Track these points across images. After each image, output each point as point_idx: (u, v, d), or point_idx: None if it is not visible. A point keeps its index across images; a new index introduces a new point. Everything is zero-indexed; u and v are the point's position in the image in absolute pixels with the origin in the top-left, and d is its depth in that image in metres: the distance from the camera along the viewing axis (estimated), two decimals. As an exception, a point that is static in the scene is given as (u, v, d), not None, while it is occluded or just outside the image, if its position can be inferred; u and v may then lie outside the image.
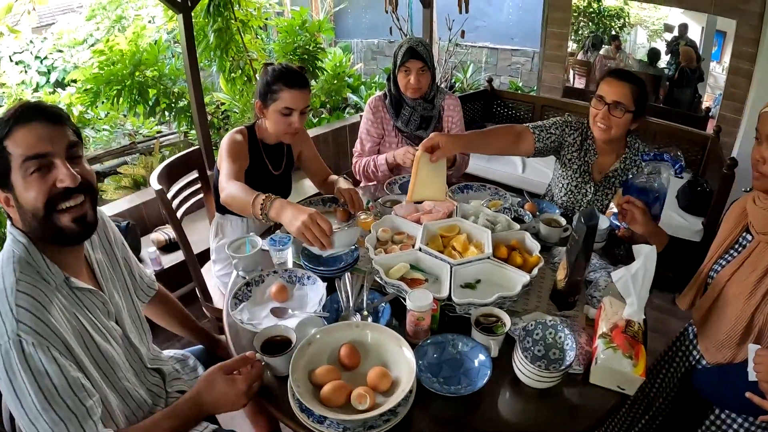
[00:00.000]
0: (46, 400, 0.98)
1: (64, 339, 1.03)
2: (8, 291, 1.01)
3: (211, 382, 1.20)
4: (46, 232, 1.08)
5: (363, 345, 1.26)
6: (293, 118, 1.92)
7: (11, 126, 1.03)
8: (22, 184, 1.04)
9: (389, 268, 1.49)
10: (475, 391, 1.18)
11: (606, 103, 1.83)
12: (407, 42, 2.26)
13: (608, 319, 1.32)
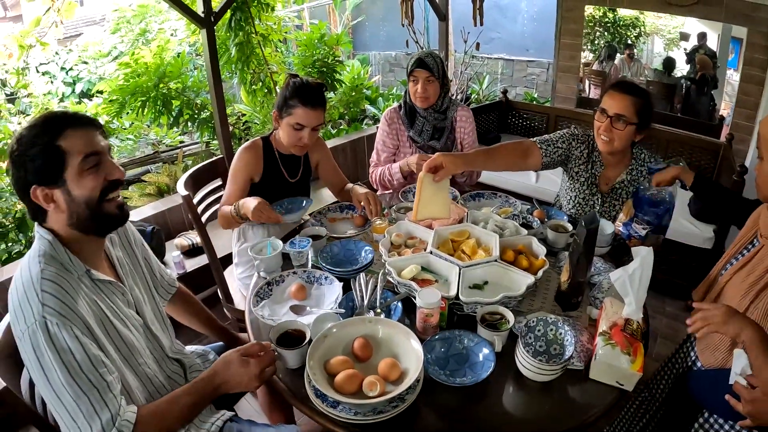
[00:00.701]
0: (69, 374, 1.08)
1: (86, 321, 1.14)
2: (34, 279, 1.12)
3: (227, 363, 1.30)
4: (95, 219, 1.22)
5: (375, 339, 1.35)
6: (304, 134, 2.02)
7: (63, 128, 1.16)
8: (79, 178, 1.17)
9: (401, 269, 1.58)
10: (479, 382, 1.26)
11: (608, 116, 1.87)
12: (418, 53, 2.37)
13: (608, 318, 1.39)
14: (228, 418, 1.41)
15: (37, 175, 1.15)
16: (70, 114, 1.23)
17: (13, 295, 1.15)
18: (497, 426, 1.23)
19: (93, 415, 1.09)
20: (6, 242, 3.35)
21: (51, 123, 1.17)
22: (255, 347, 1.33)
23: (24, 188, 1.17)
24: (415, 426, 1.21)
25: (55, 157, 1.15)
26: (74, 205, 1.19)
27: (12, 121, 3.59)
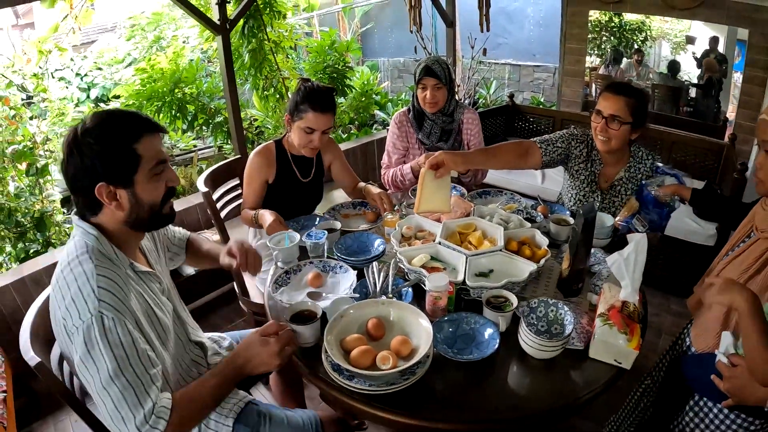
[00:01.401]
0: (119, 367, 1.12)
1: (136, 315, 1.20)
2: (89, 275, 1.16)
3: (248, 343, 1.37)
4: (152, 219, 1.29)
5: (387, 319, 1.45)
6: (314, 137, 2.13)
7: (142, 133, 1.22)
8: (149, 182, 1.24)
9: (412, 258, 1.68)
10: (485, 358, 1.36)
11: (603, 117, 1.96)
12: (425, 61, 2.47)
13: (606, 302, 1.48)
14: (249, 401, 1.49)
15: (108, 173, 1.19)
16: (145, 118, 1.27)
17: (62, 290, 1.17)
18: (502, 400, 1.32)
19: (137, 405, 1.14)
20: (24, 241, 3.47)
21: (130, 126, 1.22)
22: (272, 327, 1.40)
23: (86, 182, 1.19)
24: (425, 398, 1.31)
25: (131, 160, 1.20)
26: (137, 206, 1.25)
27: (32, 124, 3.71)
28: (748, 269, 1.37)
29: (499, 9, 6.00)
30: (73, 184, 1.23)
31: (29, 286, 2.67)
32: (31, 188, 3.65)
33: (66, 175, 1.23)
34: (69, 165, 1.20)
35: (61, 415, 2.53)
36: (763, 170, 1.34)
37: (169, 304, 1.40)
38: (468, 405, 1.30)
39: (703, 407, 1.42)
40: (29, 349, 1.30)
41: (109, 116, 1.24)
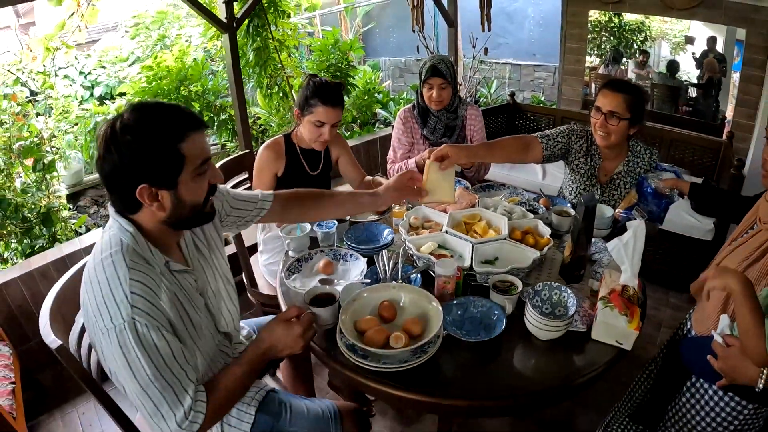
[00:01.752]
0: (157, 369, 1.13)
1: (169, 318, 1.19)
2: (122, 280, 1.13)
3: (271, 328, 1.39)
4: (194, 218, 1.26)
5: (398, 302, 1.51)
6: (324, 130, 2.19)
7: (186, 132, 1.15)
8: (193, 182, 1.19)
9: (420, 246, 1.74)
10: (493, 338, 1.42)
11: (602, 113, 2.03)
12: (431, 60, 2.52)
13: (607, 286, 1.54)
14: (270, 389, 1.52)
15: (150, 175, 1.13)
16: (189, 114, 1.20)
17: (93, 287, 1.15)
18: (509, 379, 1.39)
19: (177, 403, 1.16)
20: (30, 237, 3.50)
21: (174, 123, 1.15)
22: (293, 311, 1.42)
23: (125, 182, 1.14)
24: (436, 377, 1.37)
25: (176, 162, 1.15)
26: (180, 206, 1.20)
27: (38, 120, 3.76)
28: (747, 257, 1.41)
29: (500, 9, 6.05)
30: (109, 182, 1.17)
31: (37, 279, 2.70)
32: (38, 184, 3.68)
33: (102, 173, 1.16)
34: (105, 163, 1.13)
35: (68, 408, 2.57)
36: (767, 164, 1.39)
37: (201, 300, 1.36)
38: (477, 383, 1.37)
39: (699, 389, 1.46)
40: (50, 332, 1.31)
41: (150, 111, 1.16)
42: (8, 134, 3.49)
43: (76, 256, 2.82)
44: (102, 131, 1.13)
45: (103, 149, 1.13)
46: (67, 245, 2.99)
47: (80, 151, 4.63)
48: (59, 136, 4.03)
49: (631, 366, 2.45)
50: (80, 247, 2.89)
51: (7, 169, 3.50)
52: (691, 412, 1.48)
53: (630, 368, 2.44)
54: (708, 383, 1.43)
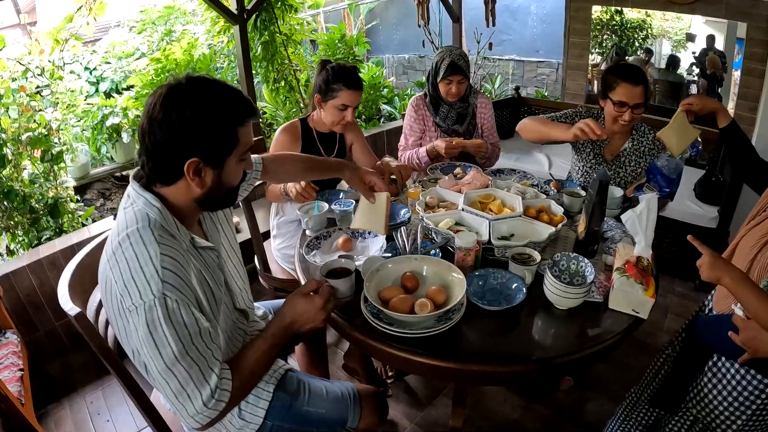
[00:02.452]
0: (184, 347, 1.11)
1: (197, 295, 1.17)
2: (152, 255, 1.11)
3: (292, 302, 1.38)
4: (223, 200, 1.28)
5: (420, 273, 1.54)
6: (347, 113, 2.25)
7: (245, 117, 1.19)
8: (236, 165, 1.23)
9: (437, 223, 1.78)
10: (514, 305, 1.46)
11: (629, 107, 2.09)
12: (448, 55, 2.54)
13: (622, 258, 1.59)
14: (289, 368, 1.53)
15: (203, 151, 1.14)
16: (249, 101, 1.21)
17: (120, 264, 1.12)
18: (530, 346, 1.42)
19: (203, 382, 1.14)
20: (37, 228, 3.50)
21: (237, 106, 1.17)
22: (312, 284, 1.41)
23: (176, 153, 1.13)
24: (459, 344, 1.41)
25: (230, 143, 1.17)
26: (218, 187, 1.22)
27: (47, 111, 3.76)
28: (762, 238, 1.42)
29: (503, 6, 6.11)
30: (156, 150, 1.14)
31: (46, 268, 2.71)
32: (46, 175, 3.69)
33: (150, 136, 1.13)
34: (159, 129, 1.11)
35: (75, 397, 2.58)
36: None
37: (221, 277, 1.36)
38: (498, 350, 1.40)
39: (721, 368, 1.46)
40: (68, 300, 1.30)
41: (215, 89, 1.15)
42: (17, 125, 3.50)
43: (85, 246, 2.82)
44: (159, 97, 1.11)
45: (161, 115, 1.10)
46: (76, 234, 3.01)
47: (87, 144, 4.66)
48: (66, 128, 4.04)
49: (641, 352, 2.51)
50: (89, 235, 2.91)
51: (15, 159, 3.49)
52: (713, 392, 1.48)
53: (639, 355, 2.50)
54: (729, 362, 1.43)
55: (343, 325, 1.50)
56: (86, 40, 5.66)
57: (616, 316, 1.49)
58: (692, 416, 1.58)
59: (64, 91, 4.27)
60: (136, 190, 1.20)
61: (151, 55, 4.92)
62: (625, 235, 1.88)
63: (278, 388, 1.46)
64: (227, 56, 5.01)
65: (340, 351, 2.73)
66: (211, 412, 1.16)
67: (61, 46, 4.17)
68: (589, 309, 1.51)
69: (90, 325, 1.31)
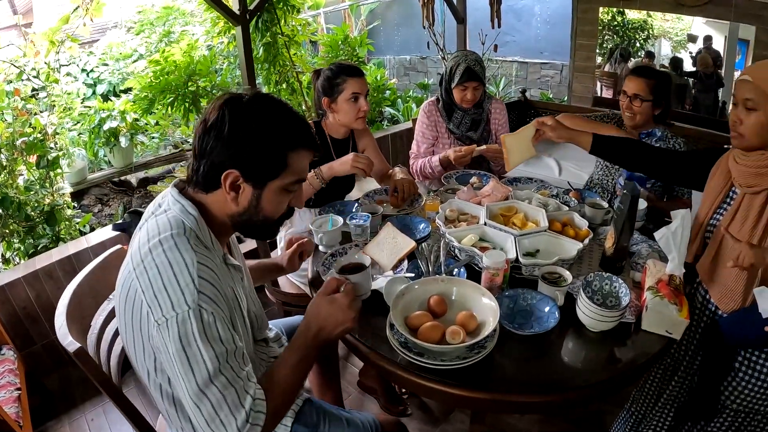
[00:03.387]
0: (219, 365, 1.02)
1: (231, 311, 1.11)
2: (188, 263, 1.04)
3: (315, 306, 1.26)
4: (258, 230, 1.22)
5: (448, 296, 1.46)
6: (361, 102, 2.19)
7: (299, 145, 1.15)
8: (279, 194, 1.16)
9: (461, 239, 1.70)
10: (548, 331, 1.38)
11: (628, 96, 2.23)
12: (464, 60, 2.47)
13: (653, 276, 1.52)
14: (306, 398, 1.44)
15: (245, 164, 1.10)
16: (311, 133, 1.18)
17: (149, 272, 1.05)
18: (564, 373, 1.34)
19: (238, 406, 1.04)
20: (33, 236, 3.41)
21: (294, 132, 1.14)
22: (332, 283, 1.30)
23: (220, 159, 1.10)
24: (491, 371, 1.32)
25: (277, 165, 1.13)
26: (254, 211, 1.16)
27: (42, 116, 3.67)
28: (756, 224, 1.45)
29: (508, 7, 6.01)
30: (204, 150, 1.11)
31: (42, 280, 2.64)
32: (41, 181, 3.60)
33: (202, 138, 1.11)
34: (213, 131, 1.09)
35: (76, 414, 2.51)
36: (743, 126, 1.44)
37: (245, 302, 1.30)
38: (533, 378, 1.32)
39: (751, 357, 1.50)
40: (67, 334, 1.25)
41: (274, 106, 1.14)
42: (11, 129, 3.40)
43: (82, 256, 2.76)
44: (218, 100, 1.11)
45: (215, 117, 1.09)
46: (73, 244, 2.93)
47: (84, 149, 4.56)
48: (63, 132, 3.95)
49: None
50: (87, 246, 2.83)
51: (10, 165, 3.40)
52: (751, 382, 1.50)
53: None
54: (759, 351, 1.48)
55: (367, 353, 1.42)
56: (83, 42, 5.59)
57: (648, 337, 1.43)
58: (733, 411, 1.59)
59: (60, 94, 4.19)
60: (174, 196, 1.15)
61: (149, 56, 4.84)
62: (652, 250, 1.80)
63: (297, 421, 1.38)
64: (227, 58, 4.94)
65: (350, 365, 2.65)
66: None
67: (57, 47, 4.08)
68: (621, 330, 1.44)
69: (91, 360, 1.26)
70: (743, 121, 1.43)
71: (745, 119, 1.43)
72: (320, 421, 1.41)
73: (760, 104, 1.39)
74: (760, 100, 1.38)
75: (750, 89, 1.40)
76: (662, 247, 1.54)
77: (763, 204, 1.45)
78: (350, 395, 2.46)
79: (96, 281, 1.54)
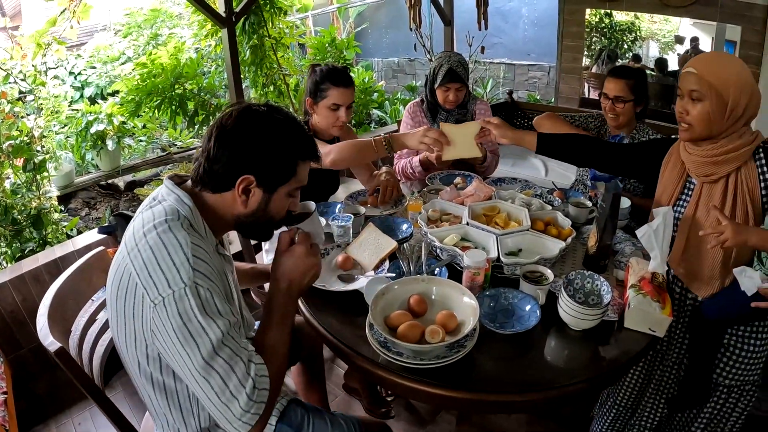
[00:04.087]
0: (222, 336, 1.05)
1: (226, 288, 1.15)
2: (183, 243, 1.07)
3: (277, 264, 1.28)
4: (258, 231, 1.29)
5: (429, 296, 1.46)
6: (341, 113, 2.17)
7: (308, 156, 1.23)
8: (283, 199, 1.24)
9: (442, 239, 1.70)
10: (529, 329, 1.38)
11: (609, 98, 2.25)
12: (446, 61, 2.47)
13: (636, 274, 1.53)
14: (291, 399, 1.44)
15: (261, 171, 1.16)
16: (314, 142, 1.27)
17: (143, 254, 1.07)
18: (545, 372, 1.35)
19: (245, 375, 1.07)
20: (20, 240, 3.39)
21: (305, 144, 1.23)
22: (285, 237, 1.31)
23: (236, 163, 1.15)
24: (471, 371, 1.32)
25: (288, 172, 1.21)
26: (261, 213, 1.22)
27: (29, 119, 3.65)
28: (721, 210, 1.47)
29: (495, 9, 6.06)
30: (219, 154, 1.15)
31: (29, 283, 2.62)
32: (28, 184, 3.58)
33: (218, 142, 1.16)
34: (230, 137, 1.15)
35: (63, 418, 2.49)
36: (690, 116, 1.49)
37: (235, 292, 1.32)
38: (514, 378, 1.33)
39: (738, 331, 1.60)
40: (48, 335, 1.27)
41: (289, 119, 1.21)
42: (-2, 132, 3.38)
43: (69, 259, 2.74)
44: (236, 108, 1.17)
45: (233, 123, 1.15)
46: (60, 248, 2.91)
47: (71, 152, 4.53)
48: (50, 136, 3.93)
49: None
50: (73, 249, 2.81)
51: (-4, 169, 3.38)
52: (741, 355, 1.60)
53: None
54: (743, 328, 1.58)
55: (348, 353, 1.41)
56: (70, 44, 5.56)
57: (632, 335, 1.43)
58: (726, 387, 1.66)
59: (47, 97, 4.15)
60: (168, 188, 1.19)
61: (136, 59, 4.81)
62: (635, 248, 1.81)
63: (281, 420, 1.38)
64: (214, 60, 4.93)
65: (336, 367, 2.65)
66: (257, 406, 1.09)
67: (44, 50, 4.05)
68: (603, 328, 1.44)
69: (71, 359, 1.27)
70: (689, 112, 1.49)
71: (691, 110, 1.49)
72: (304, 421, 1.41)
73: (705, 95, 1.45)
74: (705, 90, 1.44)
75: (694, 81, 1.46)
76: (644, 245, 1.56)
77: (723, 191, 1.52)
78: (337, 397, 2.45)
79: (77, 283, 1.54)
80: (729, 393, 1.67)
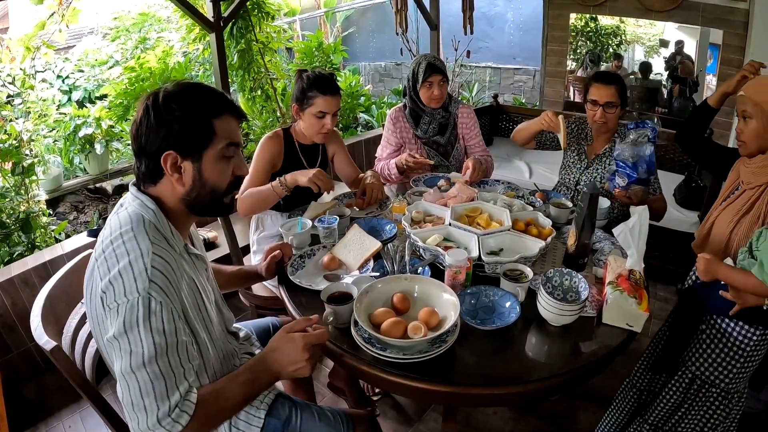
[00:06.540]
0: (156, 355, 1.05)
1: (184, 305, 1.14)
2: (144, 252, 1.09)
3: (276, 340, 1.29)
4: (211, 205, 1.25)
5: (411, 294, 1.50)
6: (326, 121, 2.19)
7: (223, 110, 1.19)
8: (215, 162, 1.20)
9: (425, 239, 1.75)
10: (508, 325, 1.43)
11: (600, 105, 2.23)
12: (423, 59, 2.52)
13: (614, 271, 1.58)
14: (278, 393, 1.46)
15: (178, 141, 1.15)
16: (229, 99, 1.24)
17: (108, 261, 1.10)
18: (525, 366, 1.40)
19: (164, 398, 1.06)
20: (9, 244, 3.38)
21: (214, 100, 1.19)
22: (301, 323, 1.33)
23: (155, 146, 1.15)
24: (453, 365, 1.37)
25: (205, 133, 1.17)
26: (200, 185, 1.20)
27: (17, 122, 3.65)
28: (738, 212, 1.67)
29: (480, 14, 6.13)
30: (140, 146, 1.17)
31: (18, 287, 2.62)
32: (17, 188, 3.57)
33: (136, 137, 1.17)
34: (141, 126, 1.15)
35: (53, 422, 2.49)
36: (744, 134, 1.66)
37: (212, 294, 1.35)
38: (494, 371, 1.37)
39: (715, 325, 1.67)
40: (43, 334, 1.28)
41: (194, 86, 1.21)
42: (-15, 136, 3.38)
43: (58, 262, 2.75)
44: (144, 97, 1.17)
45: (142, 113, 1.15)
46: (48, 251, 2.92)
47: (59, 156, 4.52)
48: (38, 139, 3.92)
49: (628, 359, 2.51)
50: (62, 252, 2.82)
51: (-16, 173, 3.38)
52: (710, 347, 1.68)
53: (626, 362, 2.50)
54: (721, 319, 1.65)
55: (332, 349, 1.44)
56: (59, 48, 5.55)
57: (610, 330, 1.48)
58: (691, 374, 1.74)
59: (35, 101, 4.15)
60: (133, 194, 1.21)
61: (125, 63, 4.81)
62: (614, 247, 1.87)
63: (269, 414, 1.40)
64: (203, 64, 4.92)
65: (324, 367, 2.68)
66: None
67: (32, 53, 4.05)
68: (582, 324, 1.49)
69: (66, 357, 1.29)
70: (743, 130, 1.66)
71: (744, 128, 1.65)
72: (292, 414, 1.44)
73: (753, 113, 1.61)
74: (752, 109, 1.61)
75: (743, 102, 1.64)
76: (620, 243, 1.62)
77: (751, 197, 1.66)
78: (324, 397, 2.49)
79: (68, 285, 1.55)
80: (691, 383, 1.74)
